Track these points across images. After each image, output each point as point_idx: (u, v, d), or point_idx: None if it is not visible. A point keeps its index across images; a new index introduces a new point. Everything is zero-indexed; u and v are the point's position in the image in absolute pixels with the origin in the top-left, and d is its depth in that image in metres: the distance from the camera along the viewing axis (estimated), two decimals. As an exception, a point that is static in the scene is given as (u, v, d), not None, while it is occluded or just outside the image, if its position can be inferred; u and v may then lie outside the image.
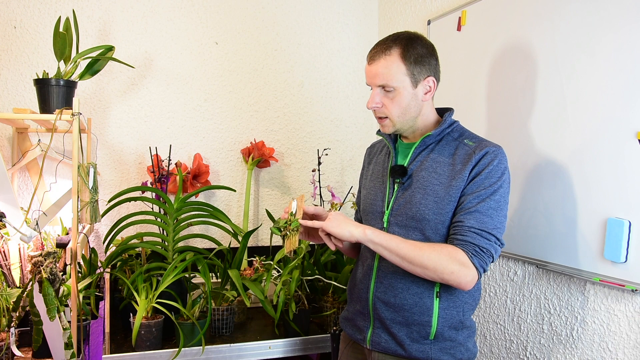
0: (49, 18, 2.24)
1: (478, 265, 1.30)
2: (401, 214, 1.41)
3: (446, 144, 1.41)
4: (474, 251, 1.30)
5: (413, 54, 1.36)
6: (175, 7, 2.42)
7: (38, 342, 1.59)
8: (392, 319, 1.41)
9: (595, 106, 1.49)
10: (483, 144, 1.38)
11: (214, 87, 2.50)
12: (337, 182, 2.73)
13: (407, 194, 1.41)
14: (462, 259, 1.29)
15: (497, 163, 1.33)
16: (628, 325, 1.43)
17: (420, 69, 1.37)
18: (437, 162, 1.39)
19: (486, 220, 1.31)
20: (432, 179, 1.38)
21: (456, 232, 1.33)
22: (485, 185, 1.32)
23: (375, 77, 1.38)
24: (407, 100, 1.38)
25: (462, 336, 1.41)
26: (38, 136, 2.14)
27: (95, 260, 2.01)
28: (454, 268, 1.28)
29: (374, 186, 1.53)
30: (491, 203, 1.31)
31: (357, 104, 2.74)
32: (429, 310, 1.38)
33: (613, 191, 1.44)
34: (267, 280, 2.00)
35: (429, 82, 1.39)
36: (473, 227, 1.30)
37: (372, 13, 2.75)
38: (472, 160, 1.34)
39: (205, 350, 1.85)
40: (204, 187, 2.29)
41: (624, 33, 1.41)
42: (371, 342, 1.45)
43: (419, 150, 1.43)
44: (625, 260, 1.40)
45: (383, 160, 1.55)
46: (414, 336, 1.39)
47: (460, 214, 1.33)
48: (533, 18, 1.70)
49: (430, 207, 1.36)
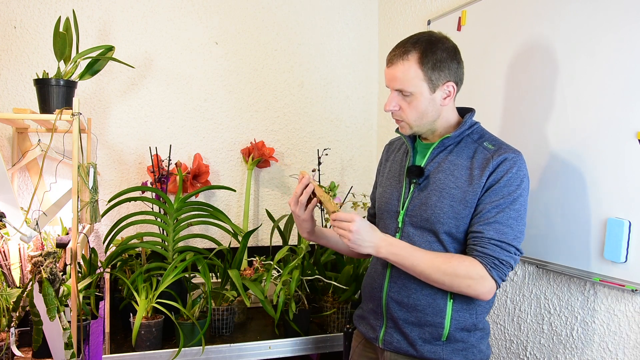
0: (49, 18, 2.24)
1: (497, 277, 1.30)
2: (416, 215, 1.40)
3: (465, 146, 1.39)
4: (493, 264, 1.29)
5: (432, 59, 1.33)
6: (175, 7, 2.42)
7: (38, 342, 1.59)
8: (404, 319, 1.41)
9: (595, 106, 1.49)
10: (502, 148, 1.35)
11: (214, 87, 2.50)
12: (337, 182, 2.73)
13: (423, 195, 1.40)
14: (480, 272, 1.29)
15: (515, 170, 1.31)
16: (628, 325, 1.43)
17: (439, 74, 1.34)
18: (454, 165, 1.38)
19: (506, 230, 1.30)
20: (448, 181, 1.36)
21: (475, 244, 1.32)
22: (504, 194, 1.31)
23: (392, 81, 1.37)
24: (425, 105, 1.36)
25: (474, 338, 1.40)
26: (38, 136, 2.14)
27: (95, 260, 2.01)
28: (470, 282, 1.29)
29: (390, 185, 1.51)
30: (511, 213, 1.30)
31: (357, 104, 2.74)
32: (442, 312, 1.37)
33: (613, 191, 1.44)
34: (267, 280, 2.00)
35: (449, 87, 1.36)
36: (493, 238, 1.29)
37: (372, 13, 2.75)
38: (490, 166, 1.32)
39: (205, 350, 1.85)
40: (204, 187, 2.29)
41: (624, 33, 1.41)
42: (383, 342, 1.45)
43: (437, 152, 1.42)
44: (625, 260, 1.40)
45: (401, 158, 1.53)
46: (426, 337, 1.39)
47: (479, 224, 1.32)
48: (533, 18, 1.70)
49: (446, 211, 1.35)
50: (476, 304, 1.39)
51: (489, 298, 1.33)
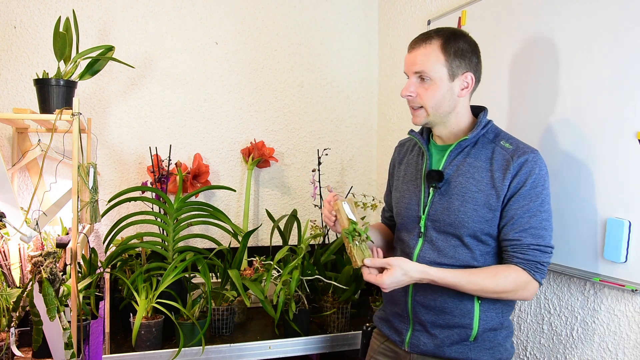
0: (49, 18, 2.24)
1: (540, 279, 1.33)
2: (439, 220, 1.40)
3: (482, 147, 1.39)
4: (536, 268, 1.31)
5: (454, 46, 1.34)
6: (175, 7, 2.42)
7: (38, 342, 1.59)
8: (432, 322, 1.41)
9: (595, 106, 1.49)
10: (520, 148, 1.35)
11: (214, 87, 2.50)
12: (337, 182, 2.73)
13: (445, 200, 1.39)
14: (525, 279, 1.31)
15: (538, 171, 1.32)
16: (628, 325, 1.43)
17: (460, 62, 1.35)
18: (474, 167, 1.37)
19: (542, 234, 1.32)
20: (470, 185, 1.36)
21: (515, 251, 1.33)
22: (532, 197, 1.31)
23: (413, 65, 1.37)
24: (442, 93, 1.36)
25: (501, 336, 1.41)
26: (38, 136, 2.14)
27: (95, 260, 2.01)
28: (518, 291, 1.32)
29: (408, 189, 1.50)
30: (542, 215, 1.32)
31: (357, 104, 2.74)
32: (470, 313, 1.37)
33: (613, 191, 1.44)
34: (267, 280, 2.00)
35: (467, 77, 1.37)
36: (532, 244, 1.31)
37: (372, 13, 2.75)
38: (511, 168, 1.32)
39: (205, 350, 1.85)
40: (204, 187, 2.30)
41: (624, 33, 1.41)
42: (410, 344, 1.45)
43: (454, 154, 1.41)
44: (625, 260, 1.40)
45: (416, 161, 1.52)
46: (454, 338, 1.39)
47: (514, 232, 1.32)
48: (533, 18, 1.70)
49: (470, 215, 1.35)
50: (502, 303, 1.40)
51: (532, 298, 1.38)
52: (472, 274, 1.33)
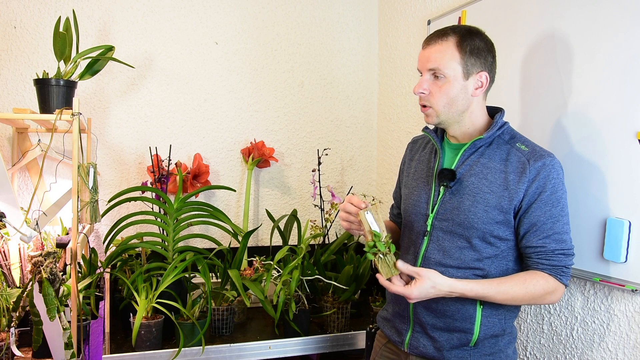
0: (49, 18, 2.24)
1: (566, 282, 1.32)
2: (447, 220, 1.37)
3: (497, 148, 1.36)
4: (562, 272, 1.31)
5: (470, 44, 1.32)
6: (175, 7, 2.42)
7: (38, 342, 1.59)
8: (432, 324, 1.39)
9: (595, 106, 1.49)
10: (537, 152, 1.33)
11: (214, 87, 2.50)
12: (337, 182, 2.73)
13: (455, 199, 1.36)
14: (553, 284, 1.31)
15: (556, 175, 1.31)
16: (628, 325, 1.43)
17: (475, 61, 1.33)
18: (487, 168, 1.35)
19: (565, 238, 1.31)
20: (482, 186, 1.34)
21: (541, 257, 1.32)
22: (553, 203, 1.30)
23: (427, 61, 1.35)
24: (456, 91, 1.33)
25: (502, 343, 1.39)
26: (38, 136, 2.14)
27: (95, 260, 2.01)
28: (546, 296, 1.32)
29: (417, 186, 1.47)
30: (563, 219, 1.31)
31: (357, 104, 2.75)
32: (472, 318, 1.35)
33: (613, 191, 1.43)
34: (267, 280, 2.00)
35: (482, 77, 1.34)
36: (557, 249, 1.31)
37: (372, 13, 2.75)
38: (527, 172, 1.30)
39: (205, 350, 1.85)
40: (204, 187, 2.30)
41: (624, 33, 1.41)
42: (409, 346, 1.44)
43: (468, 154, 1.38)
44: (625, 260, 1.40)
45: (427, 158, 1.49)
46: (454, 342, 1.37)
47: (538, 238, 1.31)
48: (533, 18, 1.70)
49: (480, 216, 1.33)
50: (505, 309, 1.38)
51: (559, 300, 1.39)
52: (501, 283, 1.31)
